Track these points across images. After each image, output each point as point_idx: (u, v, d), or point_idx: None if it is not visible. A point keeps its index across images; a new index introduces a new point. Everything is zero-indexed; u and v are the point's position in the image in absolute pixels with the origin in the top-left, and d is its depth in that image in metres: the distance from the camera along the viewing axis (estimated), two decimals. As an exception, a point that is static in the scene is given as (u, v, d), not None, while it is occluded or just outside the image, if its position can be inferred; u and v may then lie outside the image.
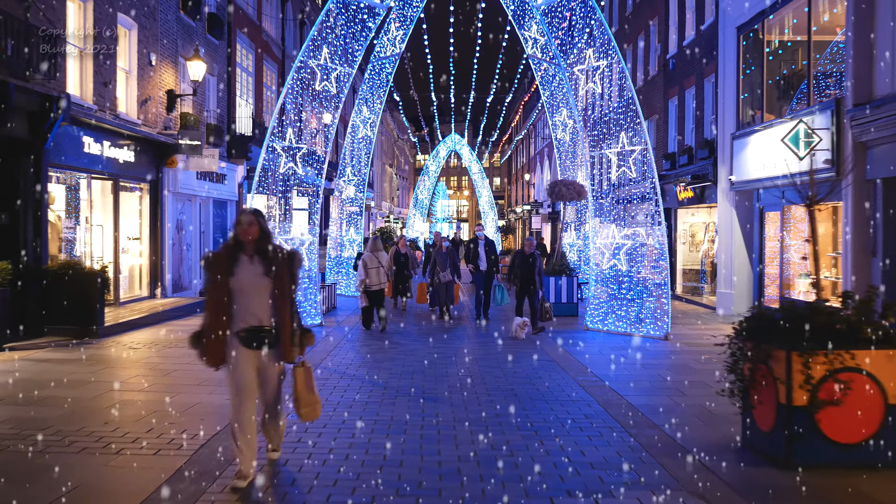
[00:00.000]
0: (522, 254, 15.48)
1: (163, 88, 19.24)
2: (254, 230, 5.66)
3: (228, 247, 5.74)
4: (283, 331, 5.68)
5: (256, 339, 5.70)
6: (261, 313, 5.66)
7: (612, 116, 15.62)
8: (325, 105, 16.20)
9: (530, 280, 15.18)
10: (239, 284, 5.61)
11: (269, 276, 5.63)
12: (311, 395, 6.13)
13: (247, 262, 5.65)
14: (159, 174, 19.04)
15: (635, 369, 11.28)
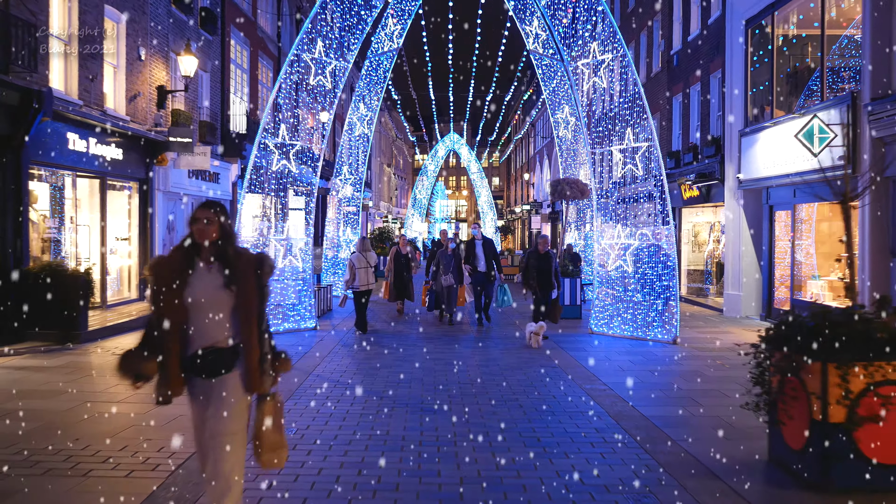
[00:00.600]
0: (537, 253, 14.49)
1: (153, 84, 18.65)
2: (213, 230, 4.42)
3: (181, 250, 4.48)
4: (250, 355, 4.38)
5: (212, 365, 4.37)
6: (219, 333, 4.38)
7: (618, 112, 15.04)
8: (320, 101, 15.61)
9: (548, 282, 14.32)
10: (194, 296, 4.34)
11: (230, 288, 4.37)
12: (278, 436, 4.57)
13: (203, 270, 4.43)
14: (149, 172, 18.45)
15: (645, 376, 10.70)
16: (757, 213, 18.15)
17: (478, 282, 16.42)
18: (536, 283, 14.28)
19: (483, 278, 16.38)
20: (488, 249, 16.44)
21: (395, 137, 72.80)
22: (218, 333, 4.38)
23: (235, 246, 4.55)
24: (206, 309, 4.35)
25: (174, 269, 4.41)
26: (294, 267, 15.29)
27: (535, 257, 14.43)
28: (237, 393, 4.40)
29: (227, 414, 4.35)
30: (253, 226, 15.45)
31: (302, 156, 15.47)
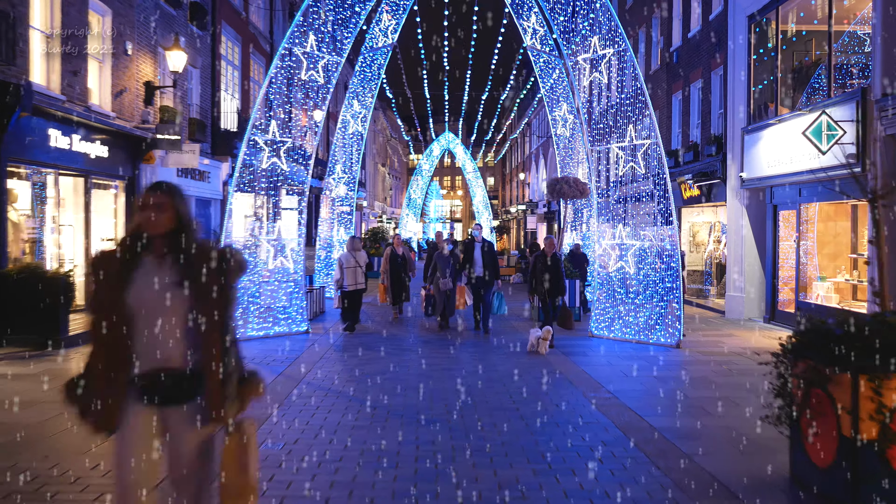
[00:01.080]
0: (544, 256, 13.54)
1: (140, 80, 18.12)
2: (165, 218, 3.57)
3: (126, 243, 3.63)
4: (211, 375, 3.55)
5: (163, 390, 3.55)
6: (171, 348, 3.55)
7: (619, 108, 14.58)
8: (312, 96, 15.12)
9: (557, 286, 13.47)
10: (140, 301, 3.51)
11: (186, 290, 3.54)
12: (243, 478, 3.63)
13: (153, 267, 3.58)
14: (136, 171, 17.92)
15: (651, 383, 10.23)
16: (760, 212, 17.71)
17: (476, 289, 15.38)
18: (544, 287, 13.45)
19: (481, 285, 15.29)
20: (488, 253, 15.44)
21: (389, 137, 72.29)
22: (170, 347, 3.55)
23: (194, 237, 3.67)
24: (154, 316, 3.51)
25: (118, 266, 3.54)
26: (285, 268, 14.79)
27: (542, 260, 13.58)
28: (195, 426, 3.58)
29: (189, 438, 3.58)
30: (243, 225, 14.92)
31: (293, 153, 14.97)
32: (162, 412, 3.58)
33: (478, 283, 15.23)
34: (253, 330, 14.02)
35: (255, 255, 14.32)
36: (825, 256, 15.67)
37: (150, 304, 3.52)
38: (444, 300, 15.75)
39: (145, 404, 3.54)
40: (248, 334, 13.92)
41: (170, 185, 3.74)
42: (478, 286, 15.27)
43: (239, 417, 3.69)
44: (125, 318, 3.49)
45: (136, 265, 3.58)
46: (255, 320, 14.11)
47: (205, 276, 3.57)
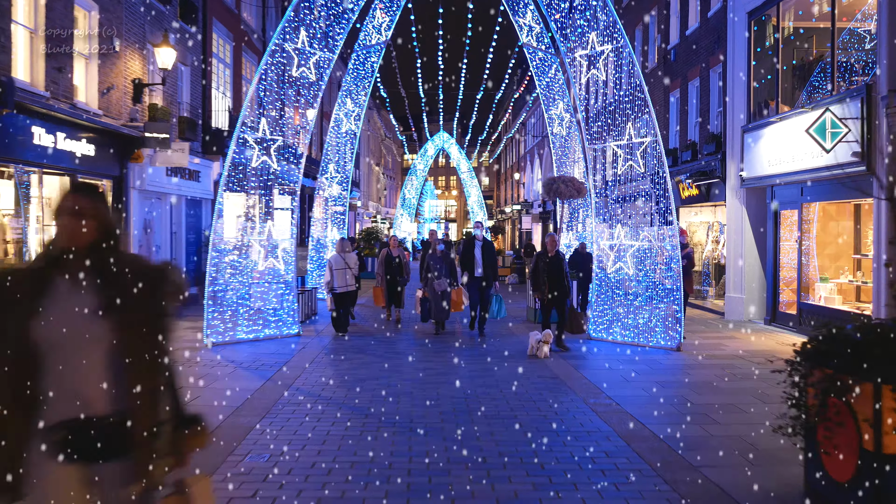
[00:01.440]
0: (545, 255, 13.02)
1: (128, 77, 17.73)
2: (88, 227, 2.89)
3: (38, 263, 2.96)
4: (139, 424, 2.84)
5: (84, 443, 2.82)
6: (93, 391, 2.83)
7: (617, 105, 14.25)
8: (304, 94, 14.74)
9: (560, 287, 12.86)
10: (52, 333, 2.81)
11: (109, 318, 2.85)
12: None
13: (70, 291, 2.89)
14: (124, 170, 17.53)
15: (652, 388, 9.89)
16: (760, 212, 17.40)
17: (473, 291, 14.71)
18: (547, 288, 12.88)
19: (480, 286, 14.67)
20: (488, 253, 14.80)
21: (383, 137, 71.93)
22: (92, 391, 2.82)
23: (122, 252, 2.99)
24: (70, 351, 2.80)
25: (26, 291, 2.83)
26: (276, 269, 14.43)
27: (545, 259, 12.99)
28: (126, 488, 2.83)
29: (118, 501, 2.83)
30: (234, 226, 14.52)
31: (284, 152, 14.61)
32: (84, 471, 2.84)
33: (477, 283, 14.64)
34: (242, 333, 13.66)
35: (245, 256, 13.96)
36: (827, 257, 15.36)
37: (66, 336, 2.81)
38: (438, 303, 14.87)
39: (62, 462, 2.82)
40: (238, 337, 13.55)
41: (91, 185, 3.09)
42: (476, 285, 14.68)
43: (181, 476, 2.98)
44: (34, 354, 2.80)
45: (48, 288, 2.89)
46: (245, 323, 13.74)
47: (133, 300, 2.89)
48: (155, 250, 19.53)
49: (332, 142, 22.14)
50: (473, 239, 15.07)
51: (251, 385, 9.81)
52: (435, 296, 14.84)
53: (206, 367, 11.12)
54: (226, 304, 13.52)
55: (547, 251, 13.06)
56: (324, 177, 22.24)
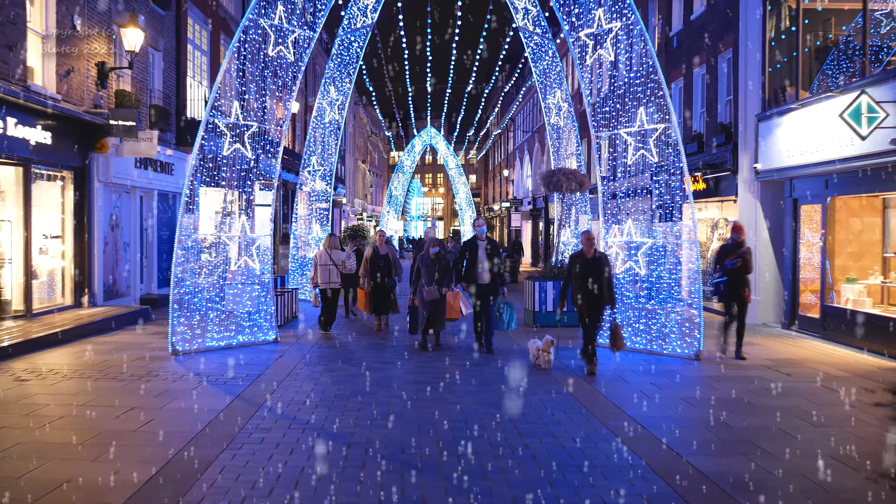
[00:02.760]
0: (582, 256, 10.62)
1: (92, 60, 16.27)
2: None
3: None
4: None
5: None
6: None
7: (628, 89, 12.96)
8: (281, 75, 13.36)
9: (598, 294, 10.50)
10: None
11: None
12: None
13: None
14: (87, 160, 16.09)
15: (679, 406, 8.61)
16: (777, 207, 16.16)
17: (480, 294, 12.46)
18: (583, 295, 10.57)
19: (488, 292, 12.45)
20: (493, 254, 12.53)
21: (369, 133, 70.49)
22: None
23: None
24: None
25: None
26: (250, 269, 13.06)
27: (581, 262, 10.61)
28: None
29: None
30: (202, 220, 13.09)
31: (261, 140, 13.23)
32: None
33: (482, 290, 12.48)
34: (212, 340, 12.27)
35: (216, 255, 12.59)
36: (853, 256, 14.14)
37: None
38: (429, 313, 12.56)
39: None
40: (208, 345, 12.16)
41: None
42: (482, 294, 12.50)
43: None
44: None
45: None
46: (216, 328, 12.35)
47: None
48: (123, 248, 18.10)
49: (314, 133, 20.75)
50: (475, 240, 12.75)
51: (216, 404, 8.45)
52: (424, 304, 12.57)
53: (167, 380, 9.74)
54: (194, 309, 12.13)
55: (583, 252, 10.70)
56: (306, 170, 20.85)
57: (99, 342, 12.81)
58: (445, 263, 12.65)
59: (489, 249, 12.56)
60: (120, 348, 12.19)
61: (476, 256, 12.49)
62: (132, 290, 18.50)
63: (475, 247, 12.64)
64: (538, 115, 49.63)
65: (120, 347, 12.28)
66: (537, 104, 50.24)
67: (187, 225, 12.06)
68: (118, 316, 15.22)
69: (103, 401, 8.56)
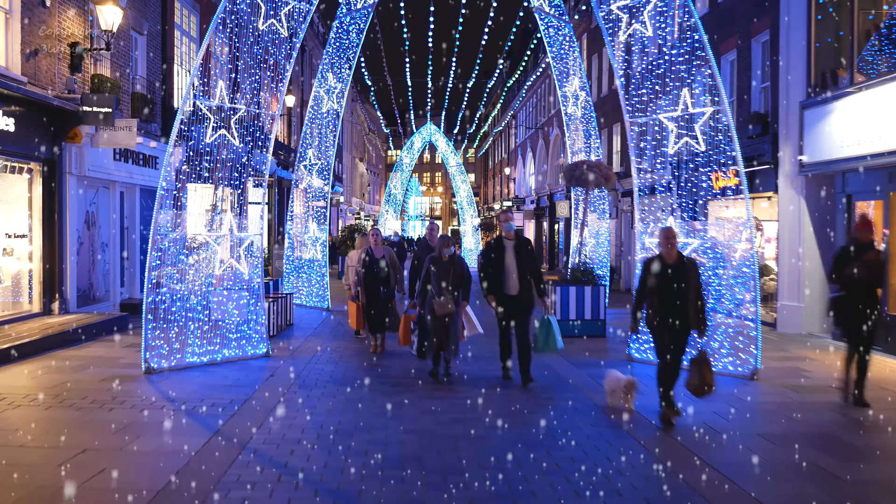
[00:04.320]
0: (661, 262, 7.96)
1: (64, 40, 14.64)
2: None
3: None
4: None
5: None
6: None
7: (669, 68, 11.36)
8: (273, 52, 11.74)
9: (683, 308, 7.80)
10: None
11: None
12: None
13: None
14: (59, 151, 14.45)
15: (760, 446, 7.01)
16: (825, 203, 14.56)
17: (509, 312, 9.85)
18: (659, 307, 7.90)
19: (518, 306, 9.83)
20: (526, 258, 9.90)
21: (367, 131, 68.85)
22: None
23: None
24: None
25: None
26: (238, 273, 11.44)
27: (660, 269, 7.93)
28: None
29: None
30: (184, 218, 11.43)
31: (249, 126, 11.61)
32: None
33: (509, 305, 9.82)
34: (194, 355, 10.63)
35: (196, 256, 10.97)
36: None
37: None
38: (443, 332, 9.96)
39: None
40: (188, 361, 10.54)
41: None
42: (511, 311, 9.83)
43: None
44: None
45: None
46: (197, 342, 10.72)
47: None
48: (101, 249, 16.46)
49: (311, 124, 19.11)
50: (501, 240, 10.08)
51: (191, 443, 6.82)
52: (436, 321, 9.97)
53: (135, 409, 8.12)
54: (172, 319, 10.51)
55: (661, 256, 8.07)
56: (302, 164, 19.21)
57: (65, 357, 11.17)
58: (464, 268, 10.22)
59: (520, 251, 9.91)
60: (87, 365, 10.56)
61: (502, 260, 9.84)
62: (111, 294, 16.86)
63: (501, 248, 9.97)
64: (542, 111, 48.08)
65: (87, 364, 10.65)
66: (541, 100, 48.70)
67: (164, 223, 10.44)
68: (92, 325, 13.60)
69: (49, 439, 6.94)
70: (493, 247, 10.08)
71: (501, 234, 10.20)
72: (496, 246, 10.07)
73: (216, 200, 12.66)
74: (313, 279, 19.01)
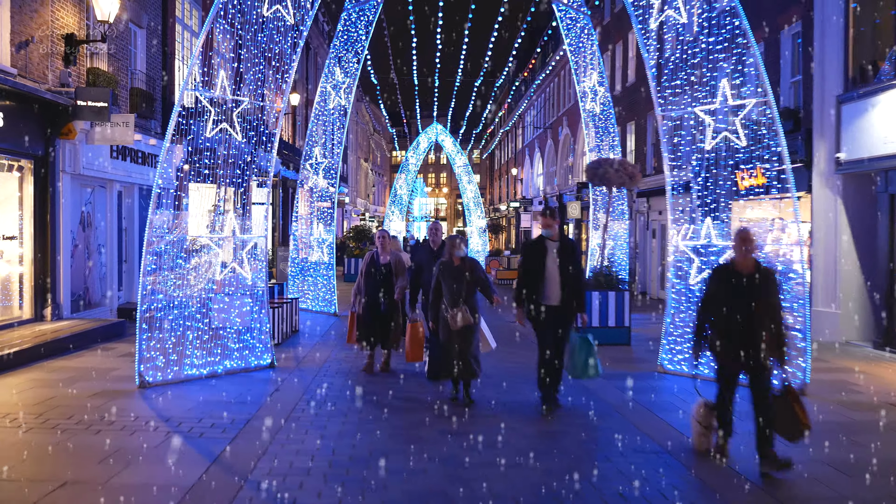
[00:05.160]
0: (731, 272, 6.64)
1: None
2: None
3: None
4: None
5: None
6: None
7: (706, 56, 10.53)
8: (279, 40, 10.92)
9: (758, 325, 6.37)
10: None
11: None
12: None
13: None
14: (52, 148, 13.66)
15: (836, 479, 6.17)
16: (864, 204, 13.71)
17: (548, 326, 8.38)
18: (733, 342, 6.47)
19: (559, 320, 8.37)
20: (568, 260, 8.38)
21: (373, 131, 68.04)
22: None
23: None
24: None
25: None
26: (240, 278, 10.62)
27: (731, 282, 6.55)
28: None
29: None
30: (183, 218, 10.60)
31: (252, 121, 10.80)
32: None
33: (550, 317, 8.34)
34: (192, 367, 9.81)
35: (196, 260, 10.16)
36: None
37: None
38: (460, 351, 8.52)
39: None
40: (186, 374, 9.72)
41: None
42: (551, 323, 8.36)
43: None
44: None
45: None
46: (196, 353, 9.90)
47: None
48: (98, 251, 15.67)
49: (317, 121, 18.29)
50: (542, 242, 8.52)
51: (185, 476, 6.00)
52: (451, 335, 8.54)
53: (124, 431, 7.30)
54: (168, 329, 9.69)
55: (734, 263, 6.69)
56: (308, 163, 18.38)
57: (54, 368, 10.37)
58: (480, 274, 8.72)
59: (564, 254, 8.37)
60: (76, 378, 9.75)
61: (543, 266, 8.34)
62: (109, 299, 16.05)
63: (541, 250, 8.43)
64: (551, 111, 47.22)
65: (77, 376, 9.84)
66: (550, 99, 47.86)
67: (159, 224, 9.62)
68: (86, 332, 12.83)
69: (26, 469, 6.12)
70: (534, 248, 8.56)
71: (542, 234, 8.61)
72: (535, 249, 8.52)
73: (217, 200, 11.85)
74: (319, 282, 18.20)
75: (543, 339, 8.43)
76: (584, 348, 8.23)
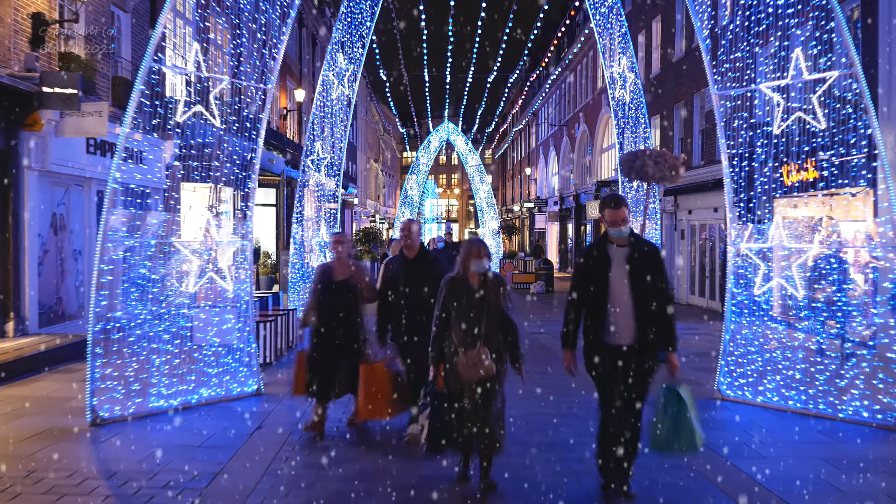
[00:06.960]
0: None
1: (22, 10, 12.28)
2: None
3: None
4: None
5: None
6: None
7: (773, 22, 8.82)
8: (265, 8, 9.26)
9: None
10: None
11: None
12: None
13: None
14: (14, 140, 12.08)
15: None
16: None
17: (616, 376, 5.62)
18: None
19: (632, 366, 5.60)
20: (649, 278, 5.59)
21: (382, 131, 66.45)
22: None
23: None
24: None
25: None
26: (220, 290, 8.97)
27: None
28: None
29: None
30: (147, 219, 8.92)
31: (232, 104, 9.15)
32: None
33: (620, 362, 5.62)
34: (160, 398, 8.14)
35: (162, 270, 8.51)
36: None
37: None
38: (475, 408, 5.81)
39: None
40: (152, 405, 8.06)
41: None
42: (622, 372, 5.63)
43: None
44: None
45: None
46: (164, 381, 8.24)
47: None
48: (73, 257, 14.07)
49: (318, 113, 16.62)
50: (605, 247, 5.70)
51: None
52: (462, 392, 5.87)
53: (53, 493, 5.64)
54: (131, 352, 8.04)
55: None
56: (308, 159, 16.71)
57: (3, 397, 8.74)
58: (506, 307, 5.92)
59: (638, 266, 5.63)
60: (23, 411, 8.14)
61: (606, 283, 5.61)
62: (86, 310, 14.44)
63: (604, 261, 5.66)
64: (567, 108, 45.46)
65: (23, 409, 8.22)
66: (566, 94, 46.09)
67: (116, 225, 7.98)
68: (57, 348, 11.32)
69: None
70: (593, 258, 5.72)
71: (605, 235, 5.79)
72: (597, 257, 5.70)
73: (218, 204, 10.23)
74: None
75: (608, 397, 5.68)
76: (675, 406, 5.48)
